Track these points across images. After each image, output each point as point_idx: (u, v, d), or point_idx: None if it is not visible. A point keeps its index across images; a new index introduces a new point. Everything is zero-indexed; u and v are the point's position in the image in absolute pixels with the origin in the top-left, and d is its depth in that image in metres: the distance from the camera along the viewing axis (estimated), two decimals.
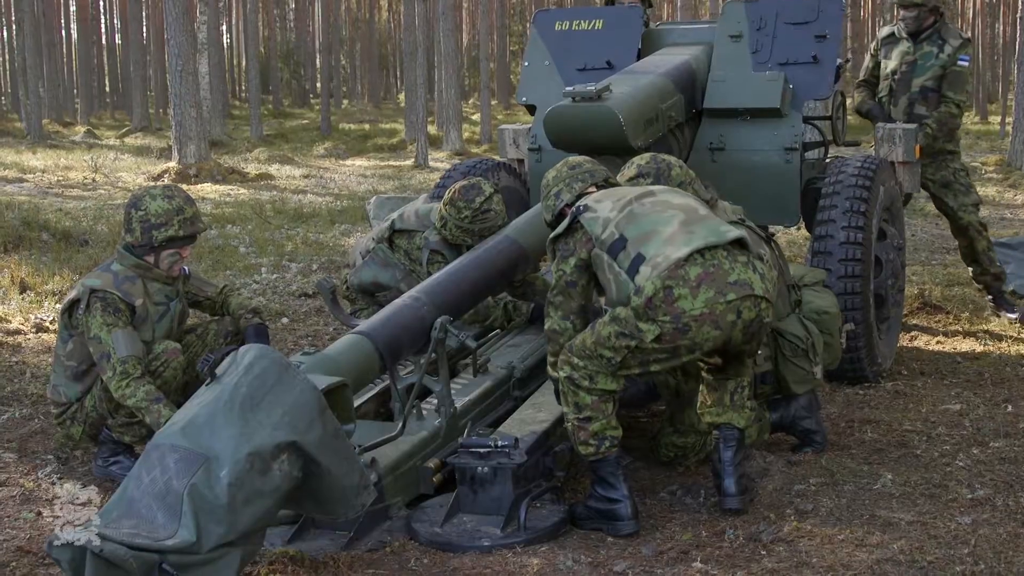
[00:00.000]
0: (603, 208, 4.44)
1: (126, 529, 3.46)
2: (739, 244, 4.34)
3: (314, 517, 4.23)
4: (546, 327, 4.56)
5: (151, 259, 5.21)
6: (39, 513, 4.63)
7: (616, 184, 4.85)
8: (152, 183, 15.40)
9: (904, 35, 7.83)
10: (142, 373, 4.94)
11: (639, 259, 4.24)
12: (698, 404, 4.67)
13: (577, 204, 4.53)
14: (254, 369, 3.79)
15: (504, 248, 5.41)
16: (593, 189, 4.73)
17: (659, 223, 4.33)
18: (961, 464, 5.01)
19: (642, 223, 4.34)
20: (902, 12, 7.81)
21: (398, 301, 4.96)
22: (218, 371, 3.85)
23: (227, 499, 3.50)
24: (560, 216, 4.72)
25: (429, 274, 5.72)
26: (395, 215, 6.33)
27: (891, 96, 7.91)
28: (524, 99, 7.43)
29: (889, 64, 7.86)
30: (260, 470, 3.59)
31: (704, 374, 4.60)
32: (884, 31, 8.24)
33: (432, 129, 28.31)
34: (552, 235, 4.55)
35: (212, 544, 3.47)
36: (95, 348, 5.02)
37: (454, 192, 5.90)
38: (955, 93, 7.72)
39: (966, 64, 7.72)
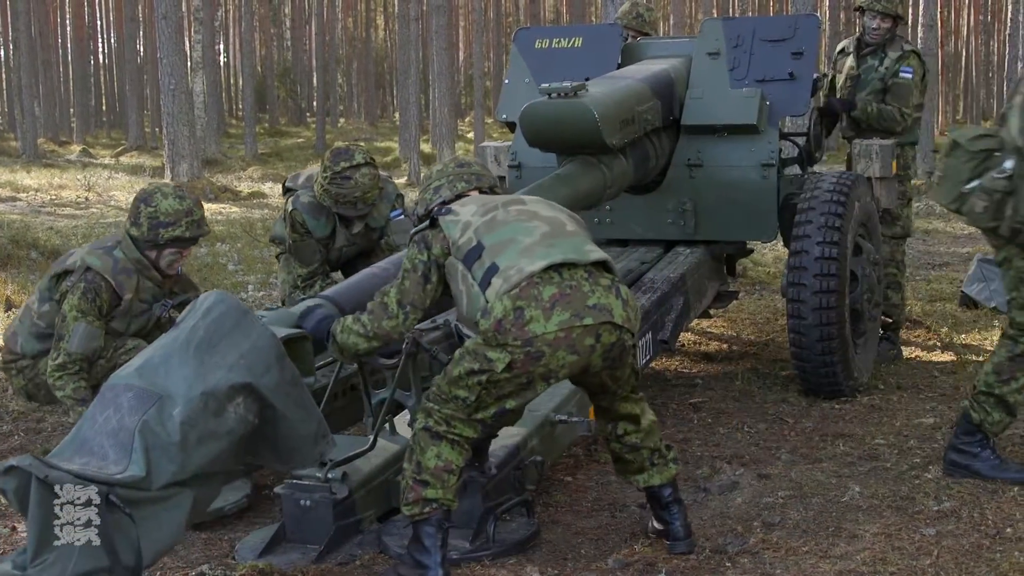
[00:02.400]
0: (465, 212, 4.14)
1: (76, 464, 3.46)
2: (603, 266, 4.03)
3: (274, 468, 4.22)
4: (373, 302, 4.23)
5: (152, 255, 5.34)
6: (13, 528, 4.66)
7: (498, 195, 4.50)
8: None
9: (851, 50, 7.78)
10: (79, 370, 5.13)
11: (492, 269, 3.92)
12: (618, 470, 4.43)
13: (444, 207, 4.23)
14: (212, 313, 3.81)
15: None
16: (475, 193, 4.39)
17: (519, 232, 4.02)
18: (930, 477, 5.05)
19: (502, 231, 4.03)
20: (877, 22, 7.65)
21: (368, 270, 5.03)
22: (177, 318, 3.90)
23: (179, 437, 3.50)
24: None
25: (287, 235, 6.25)
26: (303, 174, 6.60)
27: None
28: (504, 116, 7.47)
29: (839, 79, 7.82)
30: (214, 411, 3.60)
31: (613, 444, 4.32)
32: (839, 46, 8.19)
33: (426, 147, 28.39)
34: (412, 231, 4.25)
35: (163, 482, 3.47)
36: (59, 321, 5.19)
37: (329, 150, 6.16)
38: (900, 104, 7.46)
39: (908, 76, 7.49)
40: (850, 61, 7.70)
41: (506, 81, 7.64)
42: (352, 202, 6.22)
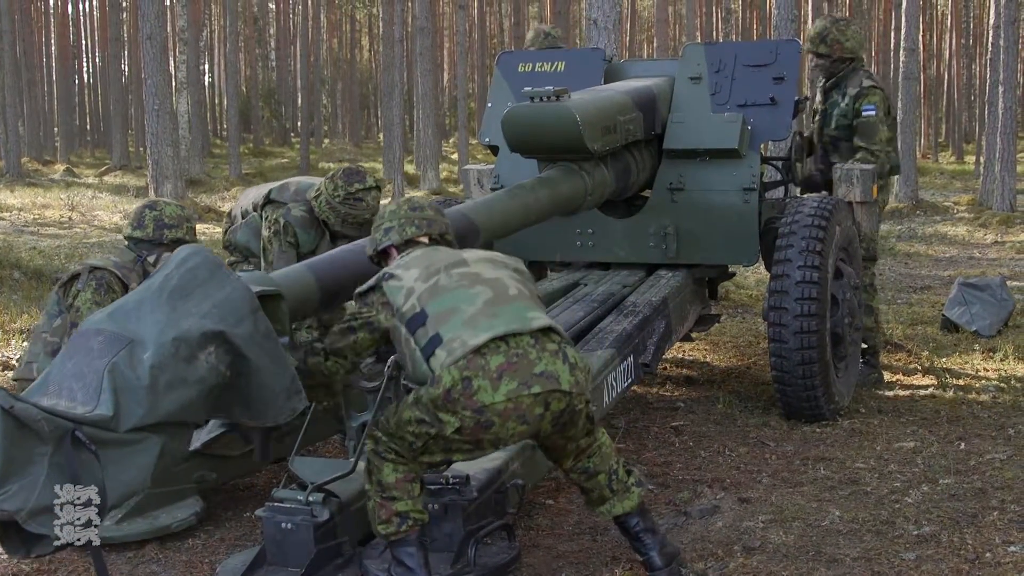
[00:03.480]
0: (409, 277, 4.09)
1: (44, 403, 3.46)
2: (549, 331, 3.97)
3: (244, 423, 4.20)
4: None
5: (152, 258, 5.70)
6: None
7: (449, 243, 4.51)
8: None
9: (820, 84, 7.83)
10: None
11: (436, 340, 3.88)
12: (586, 503, 4.33)
13: (385, 271, 4.19)
14: (187, 263, 3.85)
15: (456, 220, 5.53)
16: (425, 240, 4.40)
17: (462, 300, 3.96)
18: (910, 501, 5.07)
19: (444, 299, 3.97)
20: (813, 60, 7.72)
21: (350, 245, 5.09)
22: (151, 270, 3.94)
23: (148, 381, 3.52)
24: (383, 254, 4.48)
25: (268, 243, 6.09)
26: (278, 184, 6.59)
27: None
28: (487, 140, 7.51)
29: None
30: (185, 357, 3.61)
31: (572, 475, 4.22)
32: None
33: (410, 168, 28.42)
34: (357, 291, 4.25)
35: (130, 424, 3.47)
36: (74, 319, 5.33)
37: (340, 170, 6.27)
38: (868, 143, 7.47)
39: (871, 113, 7.48)
40: (818, 96, 7.77)
41: (489, 104, 7.67)
42: (360, 223, 6.25)
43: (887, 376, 7.55)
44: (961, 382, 7.39)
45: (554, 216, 6.35)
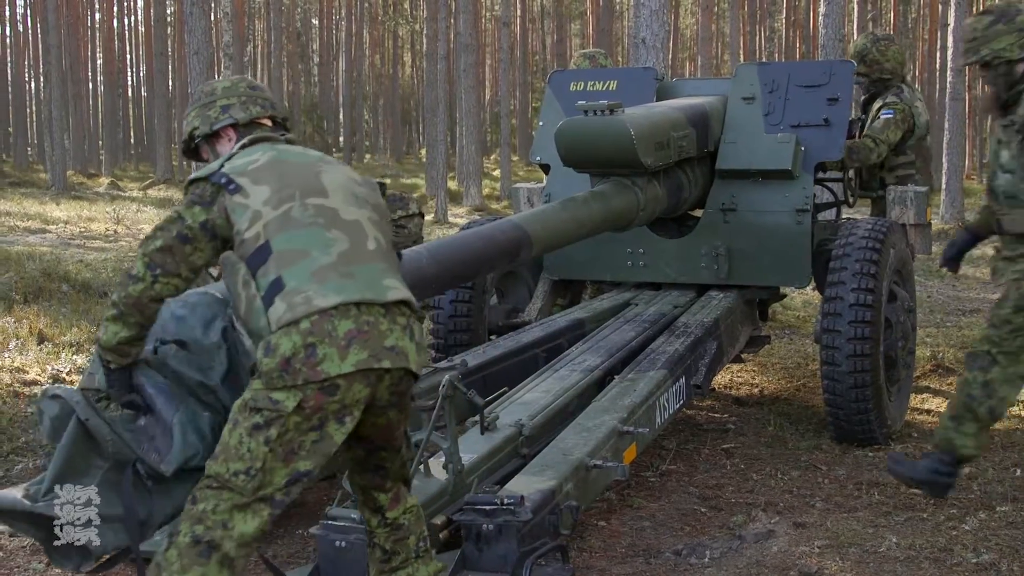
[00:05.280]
0: (257, 196, 3.43)
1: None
2: (400, 303, 3.46)
3: None
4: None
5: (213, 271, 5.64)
6: (48, 564, 4.66)
7: (294, 144, 3.79)
8: None
9: (859, 100, 7.89)
10: None
11: (277, 285, 3.29)
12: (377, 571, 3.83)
13: (231, 177, 3.45)
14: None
15: (508, 229, 5.55)
16: (268, 122, 3.83)
17: (314, 244, 3.39)
18: (967, 528, 5.01)
19: (295, 237, 3.38)
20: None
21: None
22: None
23: (211, 438, 3.53)
24: (215, 136, 3.81)
25: None
26: None
27: None
28: (538, 158, 7.51)
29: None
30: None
31: (379, 531, 3.74)
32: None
33: (452, 184, 28.47)
34: (192, 176, 3.54)
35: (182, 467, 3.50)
36: None
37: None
38: (874, 133, 7.60)
39: (888, 116, 7.63)
40: (856, 111, 7.81)
41: (540, 123, 7.67)
42: (402, 250, 6.25)
43: (938, 400, 7.48)
44: (1015, 408, 7.30)
45: (606, 231, 6.34)
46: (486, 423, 5.32)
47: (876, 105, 7.74)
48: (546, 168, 7.48)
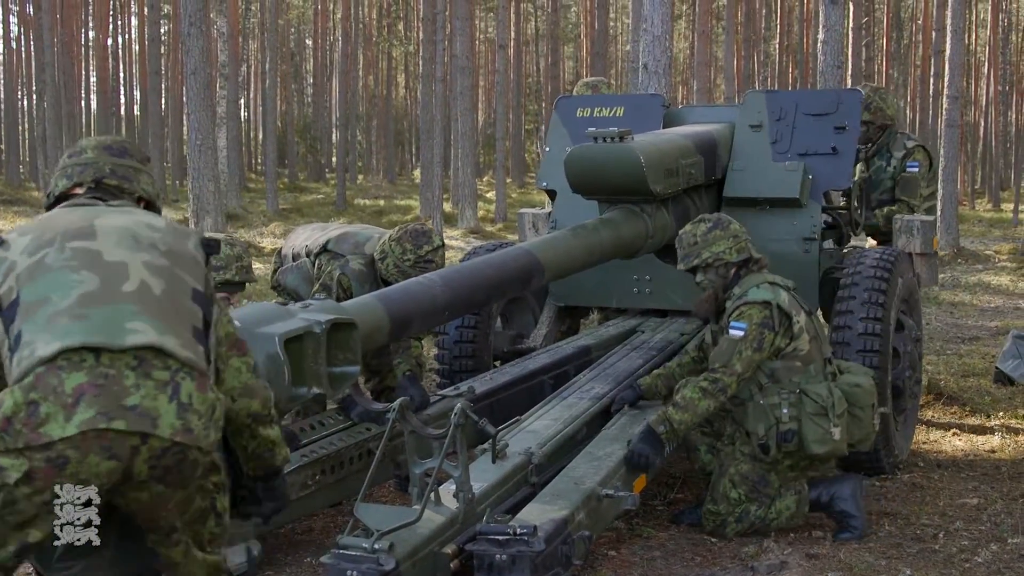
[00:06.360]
0: (18, 246, 3.10)
1: None
2: (159, 353, 2.94)
3: None
4: None
5: None
6: None
7: (115, 189, 3.49)
8: None
9: (860, 156, 7.90)
10: None
11: (18, 340, 2.91)
12: None
13: (3, 237, 3.17)
14: None
15: (520, 256, 5.55)
16: (80, 191, 3.47)
17: (59, 287, 2.97)
18: (980, 560, 4.98)
19: (42, 282, 2.98)
20: None
21: (411, 280, 5.14)
22: None
23: None
24: (53, 206, 3.50)
25: (319, 290, 6.06)
26: (335, 234, 6.44)
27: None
28: (544, 184, 7.50)
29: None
30: None
31: None
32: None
33: (447, 207, 28.46)
34: None
35: None
36: None
37: (405, 232, 6.09)
38: (909, 197, 7.76)
39: (915, 170, 7.74)
40: (861, 164, 7.79)
41: (547, 149, 7.66)
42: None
43: (942, 430, 7.46)
44: (1019, 436, 7.29)
45: (615, 258, 6.33)
46: (496, 451, 5.29)
47: (896, 155, 7.86)
48: (552, 194, 7.46)
